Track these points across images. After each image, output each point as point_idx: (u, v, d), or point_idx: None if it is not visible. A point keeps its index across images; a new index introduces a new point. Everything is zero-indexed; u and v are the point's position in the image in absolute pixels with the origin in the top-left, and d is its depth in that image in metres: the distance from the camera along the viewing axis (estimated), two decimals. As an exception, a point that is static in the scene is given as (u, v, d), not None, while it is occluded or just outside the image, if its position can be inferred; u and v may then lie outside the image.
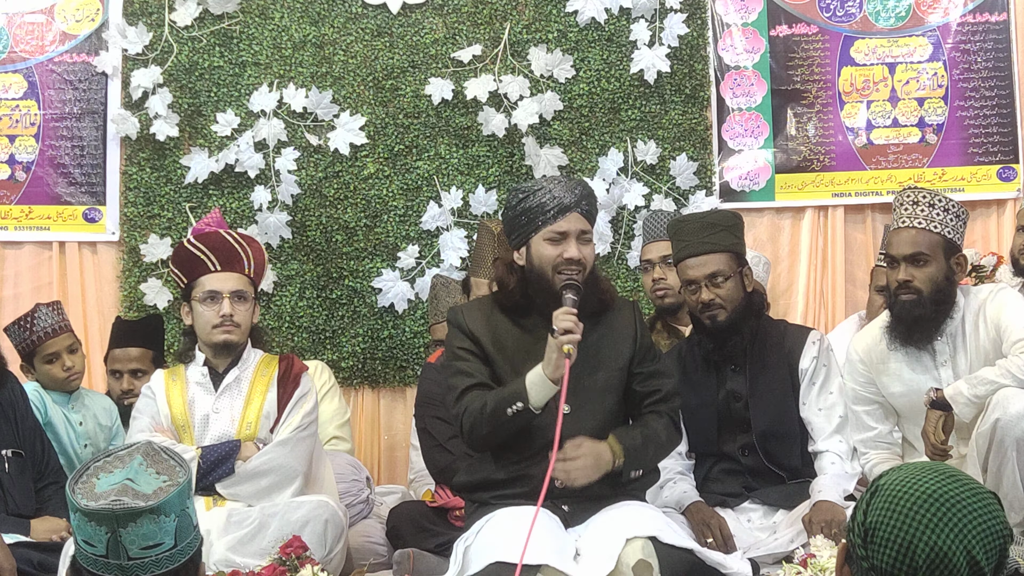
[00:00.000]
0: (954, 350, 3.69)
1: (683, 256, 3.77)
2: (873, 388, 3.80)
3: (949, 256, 3.65)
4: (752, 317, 3.79)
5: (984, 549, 1.72)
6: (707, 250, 3.72)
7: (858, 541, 1.79)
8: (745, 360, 3.78)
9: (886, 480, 1.80)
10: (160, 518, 2.10)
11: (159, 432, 3.75)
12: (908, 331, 3.69)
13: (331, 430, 4.71)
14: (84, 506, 2.09)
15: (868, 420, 3.81)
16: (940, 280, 3.64)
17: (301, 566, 3.37)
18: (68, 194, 5.39)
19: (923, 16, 5.39)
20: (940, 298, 3.65)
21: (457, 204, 5.34)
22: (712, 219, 3.85)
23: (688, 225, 3.83)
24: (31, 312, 4.40)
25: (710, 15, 5.44)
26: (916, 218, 3.66)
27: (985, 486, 1.85)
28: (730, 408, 3.78)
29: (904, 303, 3.67)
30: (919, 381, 3.69)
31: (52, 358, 4.36)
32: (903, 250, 3.67)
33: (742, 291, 3.75)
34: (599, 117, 5.40)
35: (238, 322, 3.80)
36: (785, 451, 3.75)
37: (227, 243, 3.85)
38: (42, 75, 5.42)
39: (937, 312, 3.66)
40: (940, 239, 3.64)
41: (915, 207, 3.67)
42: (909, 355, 3.73)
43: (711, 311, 3.71)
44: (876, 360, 3.78)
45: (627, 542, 3.06)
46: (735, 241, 3.77)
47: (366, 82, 5.40)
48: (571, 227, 3.34)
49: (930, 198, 3.66)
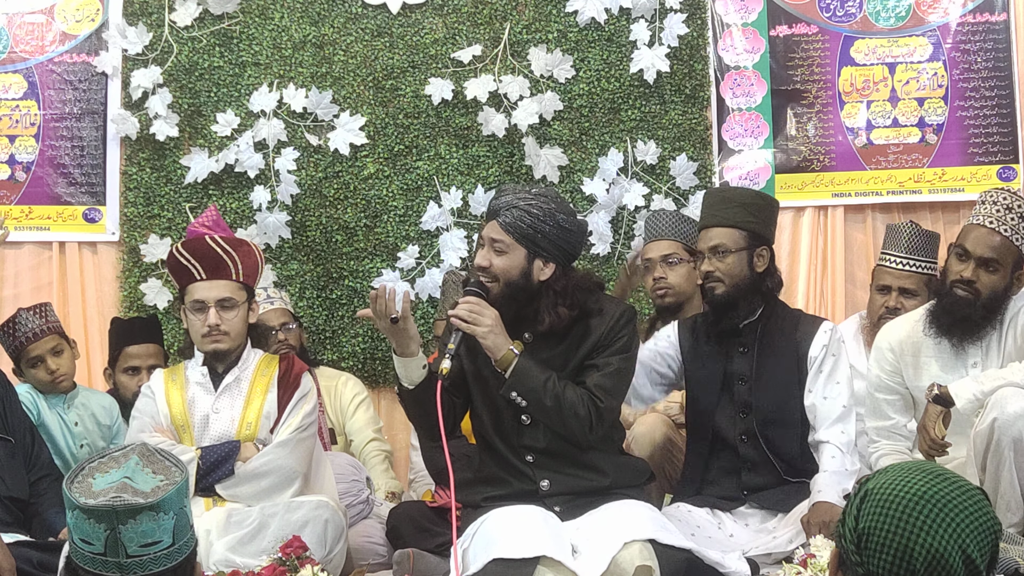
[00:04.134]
0: (986, 354, 3.71)
1: (699, 227, 3.88)
2: (899, 378, 3.81)
3: (1016, 269, 3.68)
4: (758, 299, 3.79)
5: (978, 546, 1.72)
6: (716, 223, 3.77)
7: (851, 547, 1.78)
8: (754, 342, 3.78)
9: (874, 484, 1.79)
10: (159, 515, 2.10)
11: (159, 432, 3.75)
12: (951, 325, 3.72)
13: (369, 433, 4.85)
14: (83, 503, 2.09)
15: (888, 409, 3.81)
16: (1000, 290, 3.68)
17: (301, 566, 3.37)
18: (68, 194, 5.39)
19: (923, 16, 5.39)
20: (993, 306, 3.69)
21: (457, 204, 5.34)
22: (732, 195, 3.95)
23: (710, 198, 3.93)
24: (12, 317, 4.39)
25: (710, 15, 5.43)
26: (1004, 224, 3.67)
27: (974, 484, 1.85)
28: (733, 388, 3.78)
29: (958, 298, 3.70)
30: (946, 380, 3.68)
31: (36, 362, 4.35)
32: (980, 251, 3.68)
33: (747, 269, 3.75)
34: (599, 117, 5.40)
35: (225, 331, 3.79)
36: (785, 439, 3.72)
37: (212, 251, 3.83)
38: (42, 75, 5.41)
39: (985, 318, 3.69)
40: (1017, 251, 3.67)
41: (1007, 212, 3.68)
42: (941, 352, 3.75)
43: (710, 283, 3.76)
44: (907, 352, 3.79)
45: (625, 545, 3.06)
46: (750, 220, 3.77)
47: (366, 82, 5.40)
48: (485, 233, 3.38)
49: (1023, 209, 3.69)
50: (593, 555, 3.08)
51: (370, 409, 4.95)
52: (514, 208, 3.33)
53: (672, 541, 3.11)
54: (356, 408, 4.88)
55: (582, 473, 3.38)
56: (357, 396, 4.92)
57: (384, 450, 4.86)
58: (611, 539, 3.09)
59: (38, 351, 4.35)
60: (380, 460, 4.79)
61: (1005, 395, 3.40)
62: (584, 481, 3.36)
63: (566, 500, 3.31)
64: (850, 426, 3.71)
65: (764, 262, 3.80)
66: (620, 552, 3.06)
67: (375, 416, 4.98)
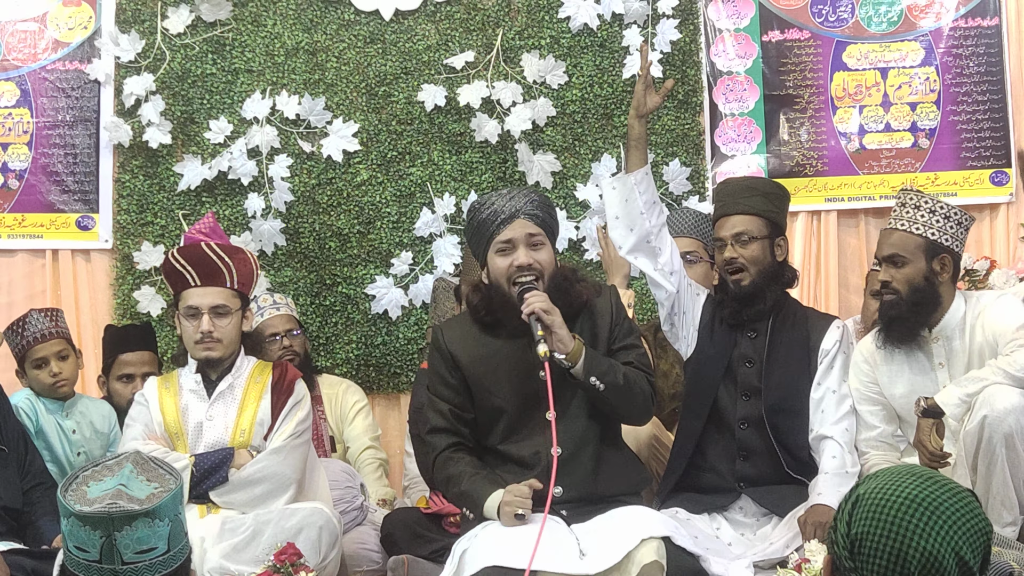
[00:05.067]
0: (951, 352, 3.71)
1: (717, 216, 3.86)
2: (876, 388, 3.81)
3: (931, 258, 3.68)
4: (779, 288, 3.81)
5: (971, 548, 1.73)
6: (739, 210, 3.78)
7: (844, 553, 1.79)
8: (766, 328, 3.78)
9: (865, 489, 1.80)
10: (155, 522, 2.10)
11: (152, 440, 3.75)
12: (887, 330, 3.73)
13: (367, 441, 4.86)
14: (79, 510, 2.09)
15: (872, 420, 3.81)
16: (918, 281, 3.68)
17: (295, 573, 3.37)
18: (61, 202, 5.38)
19: (915, 21, 5.40)
20: (918, 299, 3.68)
21: (450, 210, 5.35)
22: (752, 183, 3.95)
23: (729, 186, 3.93)
24: (24, 316, 4.41)
25: (702, 21, 5.44)
26: (900, 220, 3.73)
27: (965, 486, 1.86)
28: (738, 371, 3.76)
29: (883, 303, 3.75)
30: (918, 383, 3.70)
31: (40, 363, 4.36)
32: (882, 251, 3.75)
33: (770, 257, 3.77)
34: (592, 123, 5.40)
35: (218, 338, 3.79)
36: (793, 428, 3.71)
37: (207, 257, 3.83)
38: (35, 83, 5.41)
39: (915, 312, 3.69)
40: (922, 241, 3.68)
41: (901, 209, 3.74)
42: (909, 357, 3.75)
43: (733, 271, 3.75)
44: (880, 361, 3.80)
45: (642, 542, 3.05)
46: (771, 209, 3.80)
47: (359, 89, 5.40)
48: (516, 234, 3.34)
49: (916, 199, 3.72)
50: (605, 551, 3.06)
51: (369, 417, 4.95)
52: (536, 202, 3.38)
53: (685, 544, 3.11)
54: (355, 415, 4.89)
55: (595, 478, 3.35)
56: (357, 403, 4.93)
57: (379, 458, 4.86)
58: (627, 536, 3.06)
59: (44, 352, 4.37)
60: (374, 468, 4.79)
61: (993, 393, 3.41)
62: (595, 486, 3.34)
63: (574, 506, 3.30)
64: (854, 424, 3.72)
65: (783, 252, 3.83)
66: (635, 548, 3.04)
67: (374, 424, 4.98)
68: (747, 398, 3.75)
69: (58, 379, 4.38)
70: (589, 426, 3.36)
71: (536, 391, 3.31)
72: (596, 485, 3.34)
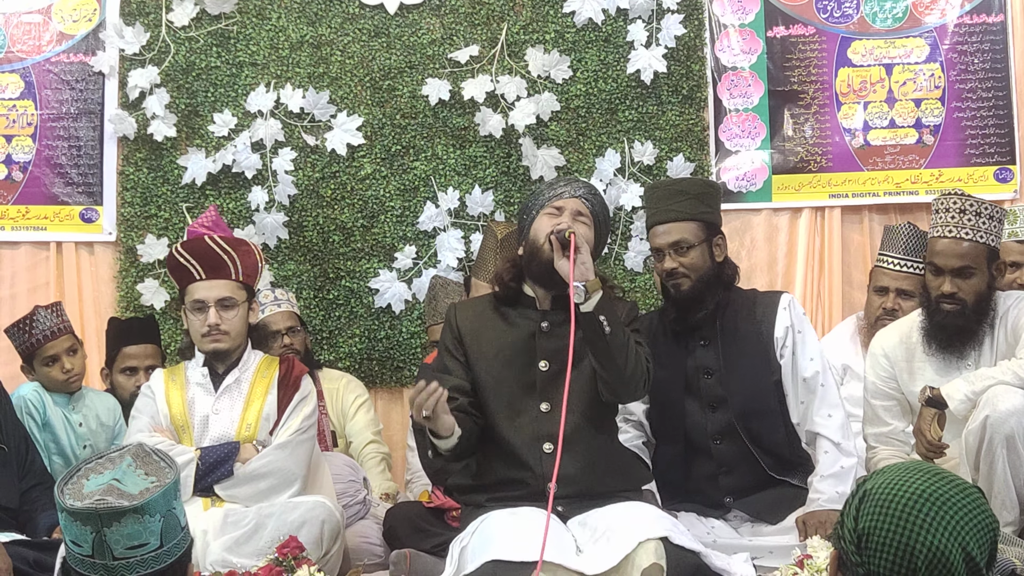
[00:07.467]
0: (980, 354, 3.71)
1: (651, 223, 3.77)
2: (894, 384, 3.80)
3: (991, 264, 3.68)
4: (720, 288, 3.72)
5: (978, 544, 1.73)
6: (672, 218, 3.69)
7: (851, 548, 1.78)
8: (715, 333, 3.70)
9: (873, 484, 1.80)
10: (144, 518, 2.11)
11: (158, 432, 3.75)
12: (949, 340, 3.71)
13: (369, 435, 4.87)
14: (70, 506, 2.11)
15: (884, 416, 3.80)
16: (984, 290, 3.68)
17: (298, 566, 3.37)
18: (65, 194, 5.38)
19: (920, 17, 5.39)
20: (983, 308, 3.69)
21: (454, 205, 5.34)
22: (681, 186, 3.81)
23: (658, 192, 3.82)
24: (30, 315, 4.41)
25: (707, 16, 5.43)
26: (963, 228, 3.66)
27: (971, 483, 1.86)
28: (699, 384, 3.69)
29: (948, 313, 3.69)
30: (941, 383, 3.67)
31: (51, 361, 4.37)
32: (950, 263, 3.67)
33: (709, 260, 3.69)
34: (596, 118, 5.40)
35: (225, 330, 3.80)
36: (769, 429, 3.65)
37: (212, 251, 3.84)
38: (39, 75, 5.41)
39: (979, 322, 3.69)
40: (985, 249, 3.67)
41: (962, 215, 3.67)
42: (935, 356, 3.74)
43: (675, 279, 3.68)
44: (901, 357, 3.79)
45: (639, 544, 3.04)
46: (704, 210, 3.71)
47: (363, 82, 5.40)
48: (568, 205, 3.40)
49: (976, 206, 3.67)
50: (602, 552, 3.05)
51: (371, 412, 4.96)
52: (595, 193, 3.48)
53: (683, 543, 3.10)
54: (357, 410, 4.90)
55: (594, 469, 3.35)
56: (359, 398, 4.94)
57: (382, 452, 4.86)
58: (624, 538, 3.05)
59: (55, 350, 4.37)
60: (377, 462, 4.79)
61: (996, 393, 3.41)
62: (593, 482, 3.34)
63: (570, 501, 3.29)
64: (836, 408, 3.62)
65: (722, 251, 3.75)
66: (633, 551, 3.03)
67: (375, 419, 4.98)
68: (714, 410, 3.68)
69: (71, 375, 4.40)
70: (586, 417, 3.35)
71: (533, 382, 3.34)
72: (593, 480, 3.33)
